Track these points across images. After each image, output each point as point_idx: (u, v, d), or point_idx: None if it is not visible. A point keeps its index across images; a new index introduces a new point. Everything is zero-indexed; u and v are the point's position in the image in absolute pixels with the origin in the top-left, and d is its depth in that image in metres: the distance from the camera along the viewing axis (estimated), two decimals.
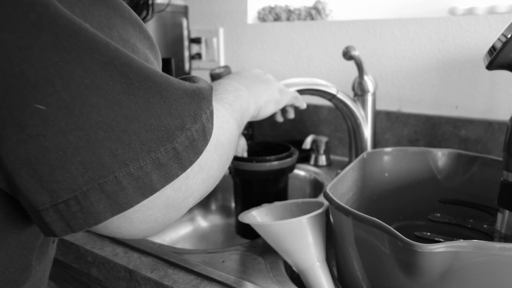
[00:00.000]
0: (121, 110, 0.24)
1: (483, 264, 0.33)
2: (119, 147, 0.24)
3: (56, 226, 0.24)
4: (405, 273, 0.36)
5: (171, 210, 0.29)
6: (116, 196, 0.24)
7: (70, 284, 0.65)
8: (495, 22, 0.77)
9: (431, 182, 0.58)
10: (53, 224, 0.24)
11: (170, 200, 0.28)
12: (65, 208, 0.24)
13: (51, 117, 0.22)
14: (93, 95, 0.23)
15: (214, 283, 0.48)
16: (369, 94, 0.76)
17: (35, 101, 0.22)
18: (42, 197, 0.23)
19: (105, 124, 0.23)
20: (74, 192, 0.23)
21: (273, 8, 1.08)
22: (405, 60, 0.88)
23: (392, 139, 0.91)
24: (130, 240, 0.57)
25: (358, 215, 0.38)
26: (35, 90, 0.22)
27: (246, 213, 0.54)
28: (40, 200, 0.23)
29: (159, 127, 0.25)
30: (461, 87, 0.83)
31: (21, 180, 0.23)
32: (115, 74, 0.23)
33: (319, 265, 0.48)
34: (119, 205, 0.25)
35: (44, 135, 0.22)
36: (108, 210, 0.24)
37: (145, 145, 0.25)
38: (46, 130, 0.22)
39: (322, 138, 0.92)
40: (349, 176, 0.53)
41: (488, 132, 0.79)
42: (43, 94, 0.22)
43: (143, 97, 0.24)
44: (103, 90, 0.23)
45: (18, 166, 0.23)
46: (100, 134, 0.23)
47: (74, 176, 0.23)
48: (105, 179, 0.24)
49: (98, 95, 0.23)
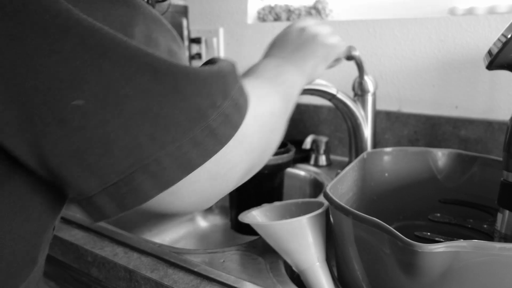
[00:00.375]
0: (152, 97, 0.25)
1: (483, 264, 0.33)
2: (155, 131, 0.26)
3: (108, 208, 0.27)
4: (405, 273, 0.36)
5: (217, 182, 0.30)
6: (159, 176, 0.26)
7: (70, 284, 0.65)
8: (495, 22, 0.77)
9: (431, 182, 0.58)
10: (105, 206, 0.27)
11: (213, 174, 0.29)
12: (114, 190, 0.26)
13: (89, 111, 0.24)
14: (124, 86, 0.25)
15: (214, 283, 0.48)
16: (369, 94, 0.76)
17: (73, 98, 0.24)
18: (92, 183, 0.26)
19: (139, 111, 0.25)
20: (121, 175, 0.26)
21: (273, 8, 1.08)
22: (405, 60, 0.88)
23: (392, 139, 0.91)
24: (130, 240, 0.57)
25: (358, 215, 0.38)
26: (72, 88, 0.24)
27: (246, 213, 0.54)
28: (91, 186, 0.26)
29: (191, 108, 0.27)
30: (461, 87, 0.83)
31: (71, 171, 0.25)
32: (141, 65, 0.25)
33: (319, 265, 0.48)
34: (163, 183, 0.27)
35: (86, 127, 0.24)
36: (154, 188, 0.27)
37: (180, 127, 0.26)
38: (87, 123, 0.24)
39: (322, 138, 0.92)
40: (349, 176, 0.53)
41: (488, 132, 0.79)
42: (80, 90, 0.24)
43: (171, 83, 0.26)
44: (132, 81, 0.25)
45: (66, 159, 0.25)
46: (137, 120, 0.25)
47: (119, 161, 0.25)
48: (147, 161, 0.26)
49: (128, 86, 0.25)
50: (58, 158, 0.25)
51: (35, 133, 0.24)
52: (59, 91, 0.23)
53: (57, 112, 0.24)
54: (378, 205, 0.58)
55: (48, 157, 0.25)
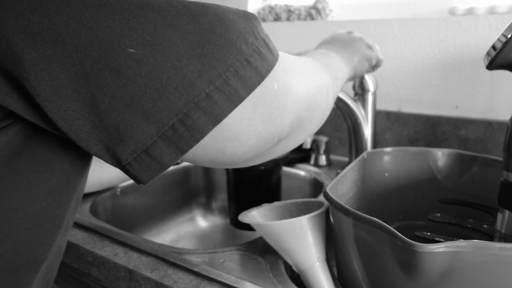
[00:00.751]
0: (193, 37, 0.28)
1: (483, 264, 0.33)
2: (201, 68, 0.28)
3: (167, 154, 0.28)
4: (405, 273, 0.36)
5: (270, 125, 0.33)
6: (211, 110, 0.28)
7: (70, 284, 0.65)
8: (495, 22, 0.77)
9: (431, 182, 0.58)
10: (164, 153, 0.28)
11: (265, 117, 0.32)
12: (172, 132, 0.28)
13: (141, 57, 0.26)
14: (168, 30, 0.27)
15: (214, 283, 0.48)
16: (370, 93, 0.76)
17: (125, 47, 0.26)
18: (150, 131, 0.27)
19: (184, 52, 0.27)
20: (177, 116, 0.27)
21: (273, 8, 1.08)
22: (405, 60, 0.88)
23: (392, 139, 0.91)
24: (130, 240, 0.57)
25: (358, 215, 0.38)
26: (123, 38, 0.26)
27: (246, 213, 0.54)
28: (149, 134, 0.27)
29: (227, 45, 0.29)
30: (461, 87, 0.83)
31: (129, 121, 0.27)
32: (180, 9, 0.28)
33: (319, 265, 0.48)
34: (216, 116, 0.29)
35: (140, 74, 0.26)
36: (208, 122, 0.28)
37: (221, 62, 0.28)
38: (140, 69, 0.26)
39: (322, 138, 0.92)
40: (349, 176, 0.53)
41: (488, 132, 0.79)
42: (130, 39, 0.26)
43: (207, 23, 0.28)
44: (174, 25, 0.27)
45: (124, 109, 0.26)
46: (184, 61, 0.27)
47: (173, 102, 0.27)
48: (198, 97, 0.28)
49: (171, 30, 0.27)
50: (115, 111, 0.26)
51: (92, 91, 0.26)
52: (112, 43, 0.25)
53: (112, 63, 0.25)
54: (378, 205, 0.58)
55: (105, 112, 0.26)
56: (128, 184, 0.82)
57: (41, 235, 0.33)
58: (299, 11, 1.05)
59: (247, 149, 0.32)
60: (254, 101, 0.31)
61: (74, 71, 0.25)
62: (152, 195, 0.88)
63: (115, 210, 0.80)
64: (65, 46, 0.25)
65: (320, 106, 0.40)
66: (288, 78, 0.34)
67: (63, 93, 0.25)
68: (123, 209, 0.82)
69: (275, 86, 0.32)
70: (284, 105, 0.34)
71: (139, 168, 0.29)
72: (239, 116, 0.30)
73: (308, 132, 0.41)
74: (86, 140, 0.27)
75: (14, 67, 0.24)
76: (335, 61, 0.50)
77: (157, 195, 0.89)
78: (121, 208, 0.81)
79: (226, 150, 0.31)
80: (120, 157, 0.28)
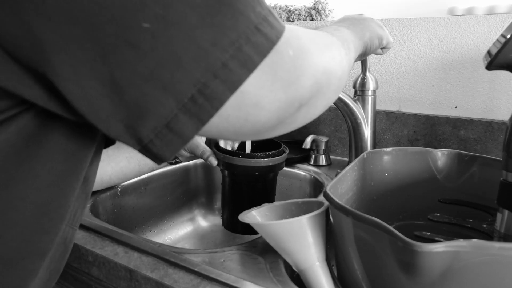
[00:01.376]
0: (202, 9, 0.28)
1: (483, 264, 0.33)
2: (215, 37, 0.28)
3: (188, 127, 0.29)
4: (405, 273, 0.36)
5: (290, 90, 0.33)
6: (228, 77, 0.29)
7: (71, 284, 0.65)
8: (495, 22, 0.77)
9: (431, 182, 0.58)
10: (185, 126, 0.29)
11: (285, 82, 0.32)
12: (191, 104, 0.28)
13: (156, 31, 0.27)
14: (178, 3, 0.27)
15: (214, 282, 0.48)
16: (370, 92, 0.77)
17: (139, 21, 0.26)
18: (169, 105, 0.28)
19: (196, 23, 0.28)
20: (195, 86, 0.28)
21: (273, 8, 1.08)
22: (405, 60, 0.88)
23: (392, 139, 0.91)
24: (130, 240, 0.57)
25: (358, 215, 0.38)
26: (137, 13, 0.26)
27: (246, 212, 0.54)
28: (168, 108, 0.28)
29: (236, 13, 0.29)
30: (460, 87, 0.83)
31: (149, 95, 0.27)
32: None
33: (319, 265, 0.48)
34: (233, 83, 0.29)
35: (156, 47, 0.27)
36: (226, 90, 0.29)
37: (233, 30, 0.29)
38: (156, 43, 0.27)
39: (322, 138, 0.92)
40: (349, 176, 0.53)
41: (488, 132, 0.79)
42: (143, 14, 0.26)
43: None
44: None
45: (143, 84, 0.27)
46: (197, 32, 0.28)
47: (190, 72, 0.28)
48: (215, 66, 0.28)
49: (181, 3, 0.28)
50: (135, 86, 0.27)
51: (110, 68, 0.26)
52: (125, 18, 0.26)
53: (128, 37, 0.26)
54: (378, 205, 0.58)
55: (125, 89, 0.27)
56: (128, 184, 0.82)
57: (46, 224, 0.34)
58: (299, 11, 1.05)
59: (270, 114, 0.33)
60: (272, 67, 0.31)
61: (92, 49, 0.26)
62: (152, 195, 0.88)
63: (115, 210, 0.80)
64: (81, 25, 0.25)
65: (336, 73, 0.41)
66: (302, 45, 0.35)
67: (82, 72, 0.26)
68: (123, 209, 0.82)
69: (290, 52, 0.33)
70: (302, 69, 0.34)
71: (161, 145, 0.29)
72: (259, 83, 0.31)
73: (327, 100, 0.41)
74: (105, 120, 0.28)
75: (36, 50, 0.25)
76: (346, 35, 0.51)
77: (158, 195, 0.89)
78: (121, 208, 0.81)
79: (250, 117, 0.32)
80: (141, 135, 0.28)
